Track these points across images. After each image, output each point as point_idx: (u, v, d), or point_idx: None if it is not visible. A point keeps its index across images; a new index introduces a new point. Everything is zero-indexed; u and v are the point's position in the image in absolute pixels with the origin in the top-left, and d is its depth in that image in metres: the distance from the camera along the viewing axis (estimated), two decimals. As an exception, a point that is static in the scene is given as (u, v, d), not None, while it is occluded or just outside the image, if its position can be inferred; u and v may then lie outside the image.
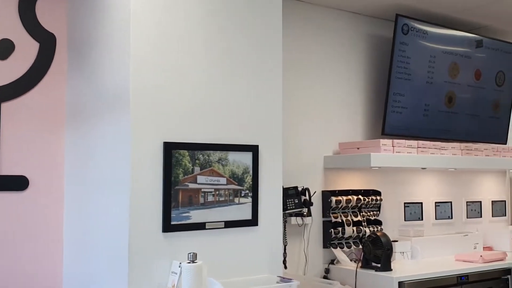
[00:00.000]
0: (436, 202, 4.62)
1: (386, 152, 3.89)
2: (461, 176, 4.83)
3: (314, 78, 4.09)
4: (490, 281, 4.01)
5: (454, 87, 4.54)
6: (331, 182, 4.11)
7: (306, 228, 3.90)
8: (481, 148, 4.47)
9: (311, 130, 4.06)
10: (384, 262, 3.73)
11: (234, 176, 2.96)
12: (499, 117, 4.91)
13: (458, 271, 3.87)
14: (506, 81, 4.89)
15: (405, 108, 4.28)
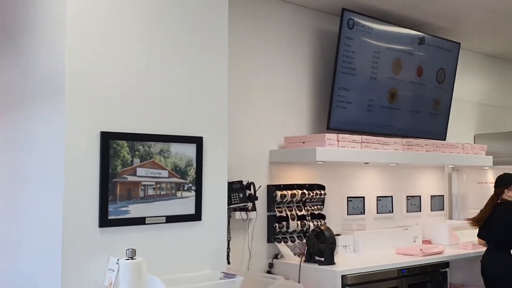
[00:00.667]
0: (378, 196, 4.68)
1: (331, 147, 3.88)
2: (401, 171, 4.90)
3: (259, 72, 4.03)
4: (430, 274, 4.10)
5: (397, 84, 4.60)
6: (276, 176, 4.06)
7: (251, 222, 3.84)
8: (421, 144, 4.55)
9: (257, 124, 4.00)
10: (328, 256, 3.73)
11: (177, 169, 2.84)
12: (439, 114, 5.02)
13: (399, 264, 3.92)
14: (447, 78, 5.01)
15: (350, 103, 4.30)
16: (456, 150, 4.80)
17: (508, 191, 4.32)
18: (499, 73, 6.20)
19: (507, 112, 6.27)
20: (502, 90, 6.24)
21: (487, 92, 6.06)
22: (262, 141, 4.02)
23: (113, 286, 2.49)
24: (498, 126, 6.03)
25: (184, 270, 2.84)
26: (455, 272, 4.57)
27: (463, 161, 4.90)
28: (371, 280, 3.73)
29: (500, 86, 6.21)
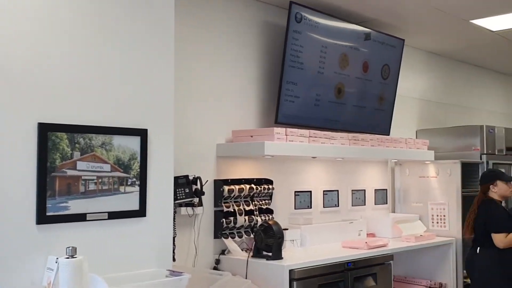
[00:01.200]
0: (324, 190, 4.70)
1: (280, 141, 3.85)
2: (347, 165, 4.95)
3: (206, 64, 3.94)
4: (375, 266, 4.14)
5: (343, 79, 4.62)
6: (224, 171, 3.99)
7: (197, 218, 3.76)
8: (367, 139, 4.60)
9: (203, 117, 3.91)
10: (275, 251, 3.70)
11: (120, 163, 2.72)
12: (384, 109, 5.10)
13: (345, 258, 3.94)
14: (391, 74, 5.09)
15: (298, 98, 4.28)
16: (399, 145, 4.88)
17: (493, 187, 4.38)
18: (440, 70, 6.37)
19: (447, 108, 6.46)
20: (443, 87, 6.43)
21: (429, 88, 6.22)
22: (209, 135, 3.93)
23: (53, 286, 2.36)
24: (439, 122, 6.21)
25: (128, 268, 2.73)
26: (398, 264, 4.66)
27: (406, 156, 5.00)
28: (318, 274, 3.73)
29: (441, 83, 6.39)
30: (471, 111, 6.81)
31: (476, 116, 6.79)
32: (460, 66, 6.71)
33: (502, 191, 4.41)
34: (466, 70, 6.82)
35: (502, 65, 7.02)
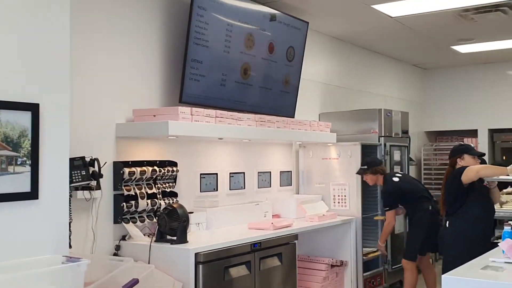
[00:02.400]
0: (231, 173, 4.63)
1: (185, 121, 3.71)
2: (253, 147, 4.92)
3: (105, 38, 3.70)
4: (280, 246, 4.16)
5: (249, 59, 4.56)
6: (124, 152, 3.78)
7: (95, 202, 3.53)
8: (273, 121, 4.59)
9: (102, 95, 3.67)
10: (180, 234, 3.58)
11: (8, 140, 2.46)
12: (289, 92, 5.12)
13: (251, 239, 3.91)
14: (296, 57, 5.11)
15: (203, 76, 4.16)
16: (304, 127, 4.93)
17: (461, 160, 4.29)
18: (342, 55, 6.53)
19: (348, 92, 6.64)
20: (344, 71, 6.60)
21: (331, 73, 6.35)
22: (107, 114, 3.71)
23: None
24: (340, 105, 6.37)
25: (21, 255, 2.50)
26: (302, 244, 4.72)
27: (310, 138, 5.07)
28: (225, 256, 3.66)
29: (342, 68, 6.56)
30: (370, 96, 7.07)
31: (375, 100, 7.06)
32: (361, 51, 6.92)
33: (469, 165, 4.29)
34: (366, 56, 7.05)
35: (399, 52, 7.35)
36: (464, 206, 4.09)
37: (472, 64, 8.18)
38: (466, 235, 4.06)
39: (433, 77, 8.61)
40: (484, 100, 8.21)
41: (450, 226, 4.16)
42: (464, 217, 4.09)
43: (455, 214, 4.14)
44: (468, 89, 8.33)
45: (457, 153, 4.33)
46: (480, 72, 8.24)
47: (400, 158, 6.09)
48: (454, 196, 4.14)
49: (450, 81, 8.47)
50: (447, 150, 8.25)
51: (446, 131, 8.60)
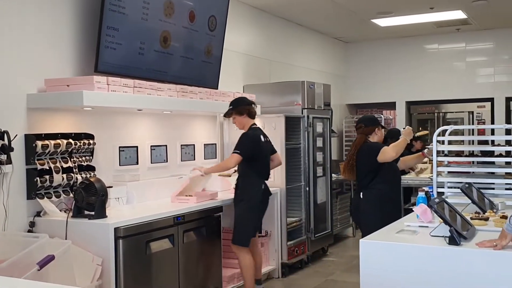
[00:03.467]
0: (152, 145, 4.51)
1: (100, 90, 3.55)
2: (175, 119, 4.80)
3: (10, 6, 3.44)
4: (204, 219, 4.12)
5: (169, 27, 4.41)
6: (37, 125, 3.58)
7: (6, 177, 3.33)
8: (195, 91, 4.50)
9: (10, 64, 3.43)
10: (99, 209, 3.45)
11: None
12: (212, 62, 5.02)
13: (174, 212, 3.84)
14: (218, 27, 5.01)
15: (120, 45, 3.98)
16: (228, 98, 4.86)
17: (378, 131, 4.34)
18: (264, 26, 6.50)
19: (272, 64, 6.64)
20: (268, 43, 6.57)
21: (255, 44, 6.31)
22: (17, 84, 3.47)
23: None
24: (264, 77, 6.36)
25: None
26: (227, 216, 4.70)
27: (234, 109, 5.01)
28: (146, 230, 3.58)
29: (266, 40, 6.53)
30: (294, 68, 7.11)
31: (298, 73, 7.10)
32: (283, 23, 6.91)
33: (380, 138, 4.43)
34: (289, 28, 7.06)
35: (321, 24, 7.41)
36: (376, 178, 4.22)
37: (391, 38, 8.42)
38: (379, 206, 4.17)
39: (355, 50, 8.79)
40: (402, 73, 8.50)
41: (364, 198, 4.26)
42: (377, 189, 4.21)
43: (368, 187, 4.24)
44: (387, 62, 8.59)
45: (376, 123, 4.38)
46: (399, 45, 8.50)
47: (323, 130, 6.20)
48: (368, 170, 4.24)
49: (370, 54, 8.69)
50: (367, 122, 8.53)
51: (366, 103, 8.84)
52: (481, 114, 8.16)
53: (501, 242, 2.44)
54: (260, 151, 4.36)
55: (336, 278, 5.29)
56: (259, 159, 4.37)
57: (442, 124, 8.03)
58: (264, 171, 4.45)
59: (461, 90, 8.13)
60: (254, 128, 4.40)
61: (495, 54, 7.97)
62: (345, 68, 8.78)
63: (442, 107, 8.42)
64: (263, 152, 4.42)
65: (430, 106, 8.48)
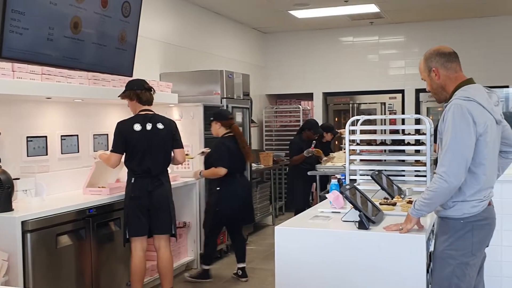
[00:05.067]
0: (62, 135, 4.31)
1: (5, 77, 3.35)
2: (88, 108, 4.62)
3: None
4: (119, 211, 4.01)
5: (80, 12, 4.23)
6: None
7: None
8: (108, 79, 4.35)
9: None
10: (4, 202, 3.28)
11: None
12: (126, 50, 4.87)
13: (86, 205, 3.71)
14: (132, 12, 4.86)
15: (27, 30, 3.76)
16: (143, 86, 4.75)
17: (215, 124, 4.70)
18: (182, 14, 6.40)
19: (190, 53, 6.56)
20: (186, 31, 6.48)
21: (173, 32, 6.20)
22: None
23: None
24: (182, 66, 6.27)
25: None
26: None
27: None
28: (56, 223, 3.44)
29: (184, 28, 6.43)
30: (213, 57, 7.07)
31: (218, 62, 7.07)
32: (201, 11, 6.85)
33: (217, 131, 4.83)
34: (207, 16, 7.01)
35: (239, 14, 7.42)
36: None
37: (309, 30, 8.58)
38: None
39: (273, 41, 8.89)
40: (319, 65, 8.70)
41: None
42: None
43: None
44: (305, 54, 8.75)
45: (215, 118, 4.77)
46: (316, 37, 8.68)
47: (242, 120, 6.22)
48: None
49: (288, 45, 8.82)
50: (286, 112, 8.68)
51: (285, 94, 8.98)
52: (392, 105, 8.52)
53: (406, 225, 2.56)
54: (134, 144, 3.87)
55: (255, 266, 5.34)
56: (133, 153, 3.90)
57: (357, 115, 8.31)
58: (140, 167, 3.88)
59: (375, 82, 8.45)
60: (137, 115, 3.97)
61: (406, 47, 8.35)
62: (264, 59, 8.86)
63: (357, 98, 8.71)
64: (141, 144, 3.88)
65: (346, 97, 8.75)
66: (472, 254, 2.44)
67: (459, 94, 2.42)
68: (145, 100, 3.99)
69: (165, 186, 3.99)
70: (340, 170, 5.62)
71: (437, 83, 2.54)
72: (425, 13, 7.55)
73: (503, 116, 2.53)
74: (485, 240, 2.51)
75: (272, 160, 7.38)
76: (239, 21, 7.82)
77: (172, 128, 4.07)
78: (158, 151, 3.96)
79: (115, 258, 4.00)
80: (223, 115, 4.84)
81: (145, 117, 3.96)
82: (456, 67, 2.53)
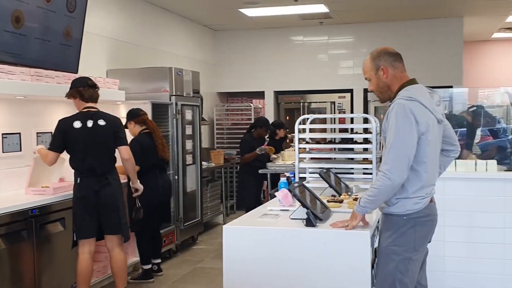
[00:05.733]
0: (3, 133, 4.14)
1: None
2: (31, 105, 4.45)
3: None
4: (64, 211, 3.89)
5: (22, 6, 4.07)
6: None
7: None
8: (52, 75, 4.21)
9: None
10: None
11: None
12: (71, 45, 4.73)
13: (28, 205, 3.58)
14: (77, 7, 4.72)
15: (-37, 22, 3.60)
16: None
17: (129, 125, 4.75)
18: (130, 10, 6.28)
19: (139, 49, 6.44)
20: (134, 27, 6.36)
21: (120, 28, 6.07)
22: None
23: None
24: (130, 62, 6.15)
25: None
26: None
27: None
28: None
29: (132, 24, 6.31)
30: (163, 54, 6.97)
31: (168, 59, 6.98)
32: (150, 7, 6.74)
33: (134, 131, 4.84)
34: (157, 13, 6.90)
35: (189, 11, 7.34)
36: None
37: (260, 28, 8.59)
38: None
39: (224, 39, 8.85)
40: (270, 63, 8.73)
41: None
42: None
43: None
44: (256, 52, 8.76)
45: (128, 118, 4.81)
46: (267, 36, 8.71)
47: (192, 118, 6.16)
48: None
49: (240, 43, 8.80)
50: (238, 110, 8.67)
51: (237, 92, 8.96)
52: (342, 104, 8.66)
53: (351, 222, 2.59)
54: (74, 142, 3.79)
55: (204, 265, 5.31)
56: (74, 151, 3.82)
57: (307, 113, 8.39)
58: (83, 166, 3.79)
59: (324, 81, 8.56)
60: (79, 113, 3.87)
61: (355, 47, 8.49)
62: (215, 56, 8.81)
63: (307, 97, 8.80)
64: (81, 142, 3.79)
65: (297, 96, 8.82)
66: (415, 250, 2.51)
67: (402, 94, 2.48)
68: (88, 97, 3.89)
69: (113, 186, 3.88)
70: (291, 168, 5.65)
71: (384, 82, 2.59)
72: (373, 14, 7.71)
73: (444, 116, 2.61)
74: (427, 236, 2.58)
75: (223, 159, 7.36)
76: (189, 18, 7.75)
77: (115, 125, 3.96)
78: (101, 149, 3.86)
79: (60, 259, 3.88)
80: (133, 113, 4.82)
81: (86, 114, 3.85)
82: (402, 67, 2.59)
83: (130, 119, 4.80)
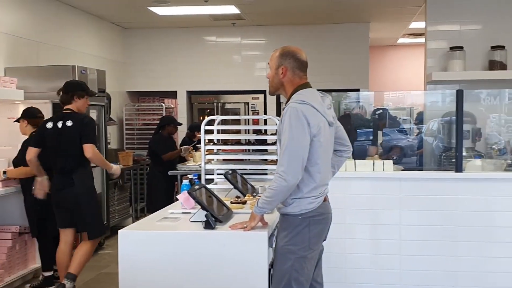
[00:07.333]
0: None
1: None
2: None
3: None
4: None
5: None
6: None
7: None
8: None
9: None
10: None
11: None
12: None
13: None
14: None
15: None
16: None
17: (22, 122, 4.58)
18: (32, 5, 5.96)
19: (42, 47, 6.12)
20: (36, 24, 6.04)
21: (19, 24, 5.74)
22: None
23: None
24: (31, 60, 5.83)
25: None
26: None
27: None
28: None
29: (32, 20, 5.99)
30: (68, 52, 6.67)
31: (73, 57, 6.69)
32: (54, 3, 6.44)
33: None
34: (61, 9, 6.60)
35: (96, 8, 7.09)
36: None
37: (172, 28, 8.46)
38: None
39: (134, 37, 8.63)
40: (183, 63, 8.62)
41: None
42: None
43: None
44: (168, 51, 8.62)
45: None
46: (179, 35, 8.59)
47: (98, 118, 5.94)
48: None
49: (151, 42, 8.62)
50: (149, 110, 8.49)
51: (148, 91, 8.77)
52: (255, 105, 8.72)
53: (250, 223, 2.60)
54: (46, 142, 4.11)
55: (110, 271, 5.14)
56: (47, 151, 4.13)
57: (221, 114, 8.36)
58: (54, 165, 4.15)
59: (238, 82, 8.57)
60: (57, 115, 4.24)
61: (267, 49, 8.56)
62: (124, 55, 8.57)
63: (222, 98, 8.78)
64: (51, 142, 4.09)
65: (210, 97, 8.78)
66: (310, 248, 2.55)
67: (295, 98, 2.53)
68: (62, 101, 4.19)
69: (76, 186, 4.07)
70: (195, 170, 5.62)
71: (278, 79, 2.65)
72: (284, 18, 7.82)
73: (335, 118, 2.68)
74: (322, 234, 2.63)
75: (132, 160, 7.16)
76: (96, 15, 7.47)
77: (80, 124, 4.08)
78: (68, 149, 4.06)
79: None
80: (30, 113, 4.61)
81: (59, 116, 4.14)
82: (302, 75, 2.63)
83: (25, 117, 4.57)
